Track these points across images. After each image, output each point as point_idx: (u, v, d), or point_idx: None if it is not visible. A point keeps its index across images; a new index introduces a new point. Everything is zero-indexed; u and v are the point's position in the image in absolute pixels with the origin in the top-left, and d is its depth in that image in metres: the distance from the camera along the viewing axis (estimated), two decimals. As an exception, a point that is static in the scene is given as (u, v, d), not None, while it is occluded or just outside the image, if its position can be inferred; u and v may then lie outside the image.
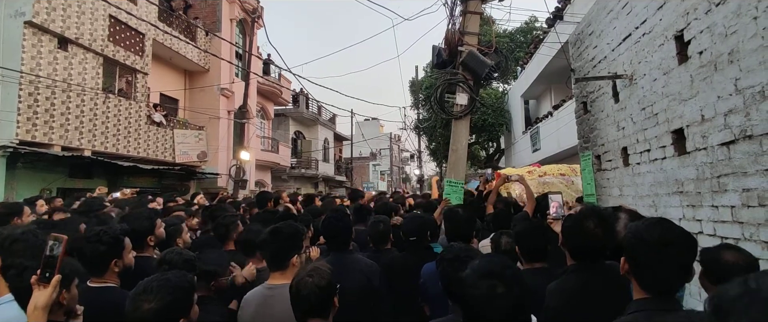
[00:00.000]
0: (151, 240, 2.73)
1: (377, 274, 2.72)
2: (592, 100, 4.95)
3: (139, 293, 1.53)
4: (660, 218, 1.72)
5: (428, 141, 24.75)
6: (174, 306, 1.54)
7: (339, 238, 2.80)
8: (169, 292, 1.52)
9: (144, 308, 1.49)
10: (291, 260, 2.22)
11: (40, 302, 1.49)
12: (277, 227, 2.30)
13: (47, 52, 9.90)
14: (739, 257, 1.86)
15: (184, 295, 1.58)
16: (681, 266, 1.60)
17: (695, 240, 1.61)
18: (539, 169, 8.17)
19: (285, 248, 2.22)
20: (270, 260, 2.26)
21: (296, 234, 2.30)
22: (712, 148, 2.75)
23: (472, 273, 1.36)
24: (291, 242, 2.26)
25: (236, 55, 17.12)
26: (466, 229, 2.67)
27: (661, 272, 1.54)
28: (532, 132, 15.14)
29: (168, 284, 1.55)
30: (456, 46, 5.79)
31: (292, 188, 23.26)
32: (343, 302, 2.17)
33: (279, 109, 23.66)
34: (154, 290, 1.52)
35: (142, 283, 1.58)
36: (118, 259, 2.16)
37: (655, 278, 1.52)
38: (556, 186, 7.13)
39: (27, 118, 9.40)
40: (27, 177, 9.86)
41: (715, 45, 2.70)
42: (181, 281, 1.60)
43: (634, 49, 3.84)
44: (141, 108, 12.70)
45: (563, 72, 6.69)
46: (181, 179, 14.77)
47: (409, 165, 47.92)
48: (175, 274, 1.63)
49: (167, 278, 1.57)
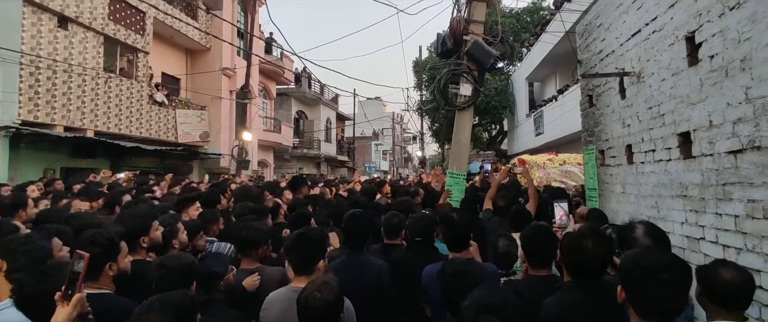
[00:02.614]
0: (144, 241, 2.58)
1: (387, 273, 2.79)
2: (598, 94, 4.88)
3: (141, 313, 1.54)
4: (654, 246, 1.72)
5: (431, 122, 24.63)
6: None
7: (358, 237, 2.87)
8: (170, 312, 1.53)
9: None
10: (317, 265, 2.27)
11: (60, 320, 1.51)
12: (303, 233, 2.33)
13: (47, 31, 9.78)
14: (736, 275, 1.85)
15: (185, 314, 1.59)
16: (676, 292, 1.60)
17: (690, 267, 1.61)
18: (558, 157, 8.07)
19: (311, 255, 2.27)
20: (297, 264, 2.29)
21: (322, 239, 2.35)
22: (719, 155, 2.72)
23: (472, 307, 1.35)
24: (318, 247, 2.31)
25: (238, 34, 16.88)
26: (462, 235, 2.67)
27: (658, 297, 1.55)
28: (536, 116, 15.02)
29: (170, 305, 1.55)
30: (461, 35, 5.69)
31: (294, 168, 23.33)
32: (355, 300, 2.22)
33: (281, 89, 23.50)
34: (156, 311, 1.53)
35: (145, 303, 1.58)
36: (112, 262, 2.10)
37: (651, 304, 1.52)
38: (577, 176, 7.05)
39: (28, 98, 9.36)
40: (30, 157, 9.89)
41: (727, 50, 2.63)
42: (182, 300, 1.61)
43: (643, 46, 3.76)
44: (142, 88, 12.63)
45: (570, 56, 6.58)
46: (184, 159, 14.80)
47: (412, 145, 47.85)
48: (177, 293, 1.64)
49: (169, 299, 1.58)
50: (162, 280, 2.03)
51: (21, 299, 1.70)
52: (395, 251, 3.17)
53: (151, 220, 2.68)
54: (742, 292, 1.81)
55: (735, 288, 1.79)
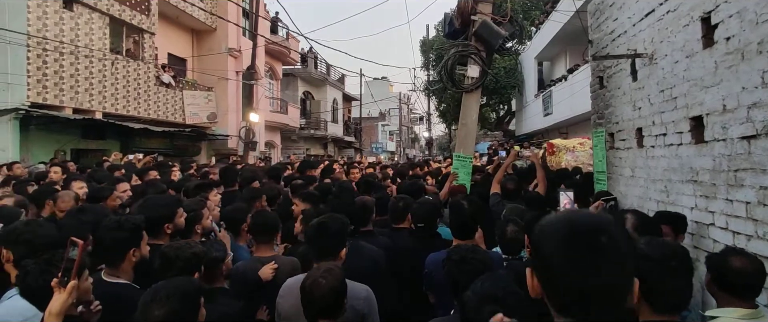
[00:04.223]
0: (168, 228, 2.65)
1: (383, 259, 2.79)
2: (609, 75, 4.79)
3: (147, 301, 1.57)
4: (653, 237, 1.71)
5: (438, 103, 24.45)
6: (183, 311, 1.58)
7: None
8: (177, 299, 1.56)
9: (154, 315, 1.53)
10: (340, 253, 2.29)
11: (54, 308, 1.51)
12: (324, 223, 2.33)
13: (53, 12, 9.75)
14: (746, 262, 1.84)
15: (191, 300, 1.62)
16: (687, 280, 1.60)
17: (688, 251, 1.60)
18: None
19: (332, 245, 2.28)
20: (317, 253, 2.31)
21: (343, 229, 2.36)
22: (732, 140, 2.66)
23: (474, 297, 1.35)
24: (339, 238, 2.32)
25: (243, 14, 16.71)
26: (469, 224, 2.66)
27: (671, 286, 1.53)
28: (545, 96, 14.84)
29: (177, 291, 1.59)
30: (469, 15, 5.57)
31: (301, 149, 23.38)
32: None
33: (287, 69, 23.37)
34: (163, 298, 1.56)
35: (150, 290, 1.61)
36: (136, 248, 2.17)
37: (665, 293, 1.51)
38: None
39: (37, 80, 9.40)
40: (41, 139, 10.00)
41: (744, 32, 2.55)
42: (187, 286, 1.65)
43: (656, 27, 3.66)
44: (149, 69, 12.62)
45: (580, 34, 6.44)
46: (192, 141, 14.88)
47: (419, 126, 47.65)
48: (182, 279, 1.67)
49: (176, 285, 1.61)
50: (164, 269, 2.04)
51: (26, 287, 1.72)
52: (398, 236, 3.18)
53: (176, 207, 2.76)
54: (753, 280, 1.80)
55: (746, 276, 1.79)
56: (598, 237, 0.80)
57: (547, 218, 0.90)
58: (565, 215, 0.94)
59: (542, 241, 0.85)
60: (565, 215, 0.94)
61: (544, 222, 0.88)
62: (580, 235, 0.82)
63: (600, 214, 0.81)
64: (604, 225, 0.83)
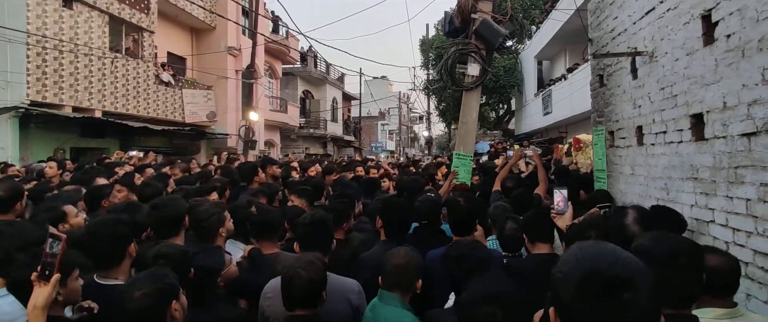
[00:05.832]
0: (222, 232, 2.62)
1: None
2: (609, 73, 4.79)
3: (127, 286, 1.63)
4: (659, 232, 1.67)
5: (437, 102, 24.43)
6: (163, 290, 1.62)
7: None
8: (154, 280, 1.62)
9: (136, 296, 1.56)
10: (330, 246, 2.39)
11: (38, 302, 1.51)
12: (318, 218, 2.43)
13: (52, 10, 9.74)
14: (721, 260, 1.80)
15: (169, 281, 1.66)
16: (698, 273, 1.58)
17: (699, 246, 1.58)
18: None
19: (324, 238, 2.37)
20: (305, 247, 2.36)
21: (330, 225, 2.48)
22: (732, 137, 2.67)
23: (471, 297, 1.34)
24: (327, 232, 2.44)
25: (243, 12, 16.70)
26: (467, 220, 2.67)
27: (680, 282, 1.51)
28: (544, 95, 14.84)
29: (155, 274, 1.67)
30: (469, 13, 5.56)
31: (300, 148, 23.38)
32: None
33: (287, 68, 23.36)
34: (141, 280, 1.63)
35: (129, 280, 1.71)
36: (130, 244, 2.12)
37: (674, 289, 1.48)
38: None
39: (36, 78, 9.39)
40: (40, 137, 9.99)
41: (744, 30, 2.55)
42: (162, 271, 1.71)
43: (656, 25, 3.66)
44: (149, 67, 12.61)
45: (580, 33, 6.45)
46: (192, 139, 14.88)
47: (418, 125, 47.65)
48: (156, 269, 1.74)
49: (152, 272, 1.69)
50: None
51: (13, 283, 1.72)
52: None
53: (223, 212, 2.72)
54: (730, 278, 1.77)
55: (723, 274, 1.75)
56: (620, 293, 0.77)
57: (568, 257, 0.85)
58: (588, 257, 0.85)
59: (563, 287, 0.82)
60: (588, 257, 0.85)
61: (566, 261, 0.84)
62: (602, 287, 0.78)
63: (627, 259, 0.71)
64: (628, 278, 0.78)
